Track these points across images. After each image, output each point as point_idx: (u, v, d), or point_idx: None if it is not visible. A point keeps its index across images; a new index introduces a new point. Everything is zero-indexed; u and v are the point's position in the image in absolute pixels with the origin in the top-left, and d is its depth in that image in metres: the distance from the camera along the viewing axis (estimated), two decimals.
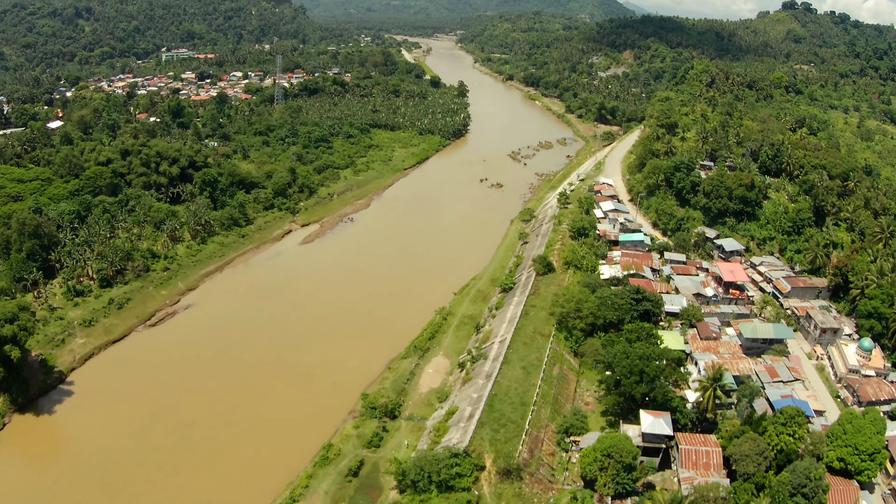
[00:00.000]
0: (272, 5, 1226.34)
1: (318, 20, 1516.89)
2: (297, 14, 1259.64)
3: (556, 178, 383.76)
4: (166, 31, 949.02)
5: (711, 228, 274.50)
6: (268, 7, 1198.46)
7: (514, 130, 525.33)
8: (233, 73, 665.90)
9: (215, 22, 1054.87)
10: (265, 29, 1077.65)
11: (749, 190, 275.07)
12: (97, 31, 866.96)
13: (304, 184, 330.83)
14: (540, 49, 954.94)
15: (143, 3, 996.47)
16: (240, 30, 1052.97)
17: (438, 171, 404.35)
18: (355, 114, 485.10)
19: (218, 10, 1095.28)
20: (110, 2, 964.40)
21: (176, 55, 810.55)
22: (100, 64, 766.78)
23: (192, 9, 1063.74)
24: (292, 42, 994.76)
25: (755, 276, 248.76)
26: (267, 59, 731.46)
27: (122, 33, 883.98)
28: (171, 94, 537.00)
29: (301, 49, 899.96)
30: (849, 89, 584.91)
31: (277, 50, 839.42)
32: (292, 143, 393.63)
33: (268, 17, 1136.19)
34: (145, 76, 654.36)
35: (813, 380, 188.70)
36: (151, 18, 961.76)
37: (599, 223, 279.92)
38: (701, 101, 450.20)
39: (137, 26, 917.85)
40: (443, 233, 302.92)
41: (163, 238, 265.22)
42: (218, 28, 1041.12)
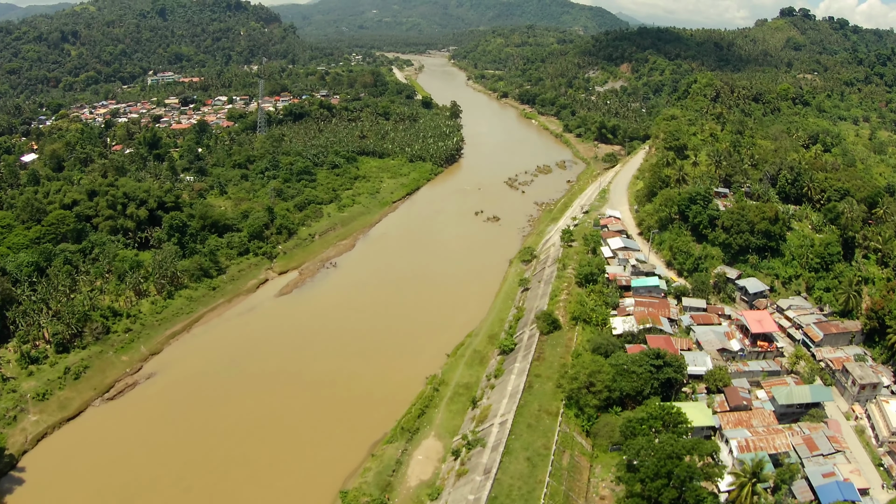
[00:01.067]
0: (261, 25, 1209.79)
1: (309, 39, 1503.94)
2: (287, 33, 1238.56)
3: (557, 208, 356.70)
4: (153, 54, 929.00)
5: (732, 267, 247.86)
6: (257, 27, 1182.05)
7: (511, 153, 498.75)
8: (217, 98, 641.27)
9: (203, 43, 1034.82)
10: (254, 49, 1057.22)
11: (773, 223, 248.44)
12: (83, 55, 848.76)
13: (283, 224, 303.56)
14: (534, 64, 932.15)
15: (129, 25, 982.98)
16: (228, 51, 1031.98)
17: (430, 204, 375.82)
18: (342, 140, 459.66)
19: (206, 31, 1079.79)
20: (97, 25, 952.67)
21: (161, 79, 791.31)
22: (84, 90, 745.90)
23: (179, 30, 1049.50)
24: (281, 62, 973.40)
25: (783, 322, 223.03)
26: (253, 81, 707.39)
27: (109, 56, 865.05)
28: (151, 123, 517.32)
29: (289, 70, 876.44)
30: (855, 98, 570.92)
31: (265, 72, 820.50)
32: (273, 176, 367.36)
33: (256, 37, 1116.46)
34: (128, 102, 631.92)
35: (853, 446, 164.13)
36: (138, 41, 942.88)
37: (608, 264, 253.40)
38: (708, 118, 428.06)
39: (124, 49, 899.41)
40: (434, 278, 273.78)
41: (126, 293, 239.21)
42: (206, 49, 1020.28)
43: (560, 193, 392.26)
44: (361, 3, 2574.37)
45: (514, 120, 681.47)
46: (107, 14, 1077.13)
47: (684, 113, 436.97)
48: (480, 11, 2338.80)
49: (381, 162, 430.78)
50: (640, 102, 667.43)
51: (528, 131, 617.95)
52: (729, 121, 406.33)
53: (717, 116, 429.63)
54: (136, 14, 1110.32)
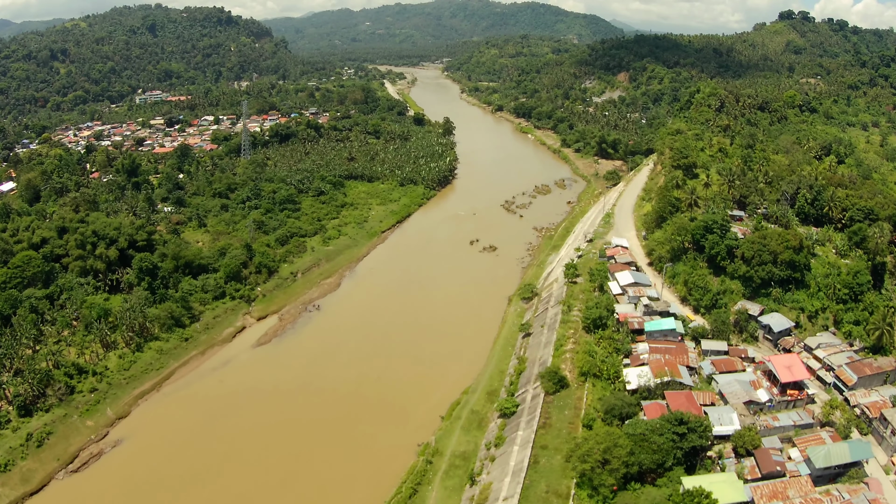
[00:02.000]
0: (252, 40, 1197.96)
1: (302, 52, 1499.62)
2: (278, 48, 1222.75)
3: (558, 234, 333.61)
4: (143, 71, 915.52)
5: (753, 302, 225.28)
6: (247, 42, 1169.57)
7: (507, 172, 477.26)
8: (204, 118, 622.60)
9: (193, 60, 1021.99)
10: (244, 65, 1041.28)
11: (797, 252, 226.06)
12: (72, 74, 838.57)
13: (262, 263, 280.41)
14: (529, 75, 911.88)
15: (119, 42, 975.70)
16: (218, 67, 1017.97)
17: (421, 233, 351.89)
18: (329, 163, 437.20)
19: (196, 47, 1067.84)
20: (86, 42, 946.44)
21: (149, 98, 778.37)
22: (72, 109, 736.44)
23: (169, 47, 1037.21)
24: (271, 79, 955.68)
25: (811, 362, 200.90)
26: (241, 99, 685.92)
27: (98, 75, 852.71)
28: (135, 146, 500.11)
29: (279, 86, 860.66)
30: (862, 102, 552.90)
31: (254, 88, 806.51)
32: (254, 206, 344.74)
33: (247, 52, 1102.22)
34: (114, 123, 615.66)
35: None
36: (128, 58, 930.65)
37: (617, 301, 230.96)
38: (714, 130, 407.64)
39: (113, 67, 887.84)
40: (426, 321, 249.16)
41: (93, 346, 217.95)
42: (196, 66, 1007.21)
43: (560, 216, 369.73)
44: (354, 16, 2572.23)
45: (509, 135, 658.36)
46: (97, 30, 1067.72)
47: (689, 126, 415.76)
48: (474, 22, 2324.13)
49: (370, 186, 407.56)
50: (640, 113, 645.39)
51: (524, 147, 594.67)
52: (738, 133, 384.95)
53: (724, 129, 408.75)
54: (127, 30, 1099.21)
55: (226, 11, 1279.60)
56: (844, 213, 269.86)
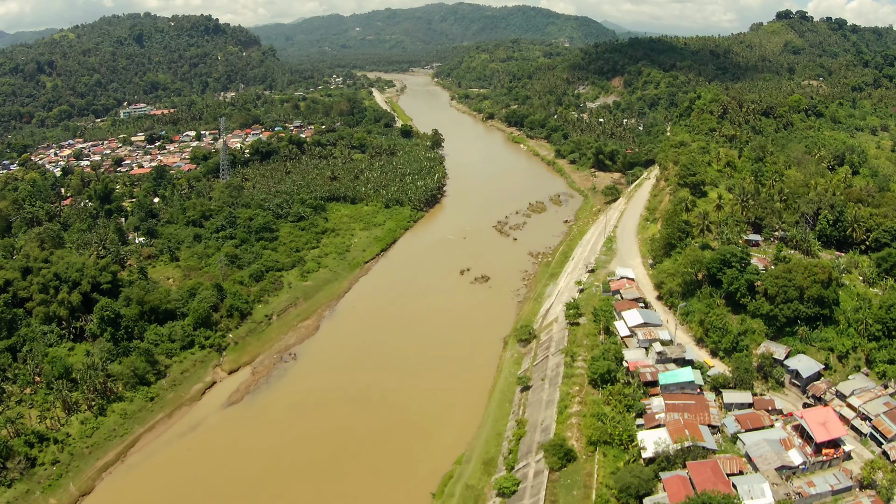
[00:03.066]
0: (239, 49, 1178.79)
1: (291, 60, 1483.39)
2: (266, 57, 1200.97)
3: (556, 260, 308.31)
4: (129, 83, 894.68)
5: (777, 342, 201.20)
6: (234, 52, 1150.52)
7: (499, 187, 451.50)
8: (186, 133, 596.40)
9: (180, 70, 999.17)
10: (231, 75, 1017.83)
11: (826, 287, 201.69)
12: (58, 88, 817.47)
13: (234, 305, 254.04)
14: (521, 81, 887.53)
15: (105, 54, 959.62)
16: (205, 77, 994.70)
17: (408, 262, 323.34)
18: (310, 183, 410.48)
19: (183, 57, 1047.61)
20: (73, 54, 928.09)
21: (133, 111, 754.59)
22: (56, 125, 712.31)
23: (156, 57, 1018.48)
24: (257, 89, 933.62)
25: (844, 411, 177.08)
26: (225, 112, 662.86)
27: (84, 88, 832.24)
28: (112, 167, 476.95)
29: (265, 97, 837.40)
30: (868, 104, 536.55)
31: (239, 100, 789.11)
32: (229, 235, 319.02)
33: (234, 62, 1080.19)
34: (96, 140, 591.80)
35: None
36: (114, 70, 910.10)
37: (625, 345, 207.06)
38: (720, 140, 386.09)
39: (99, 79, 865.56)
40: (413, 374, 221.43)
41: (55, 409, 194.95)
42: (183, 77, 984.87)
43: (557, 238, 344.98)
44: (344, 22, 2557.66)
45: (501, 145, 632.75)
46: (85, 42, 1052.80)
47: (693, 137, 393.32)
48: (464, 26, 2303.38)
49: (353, 209, 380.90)
50: (636, 118, 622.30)
51: (517, 159, 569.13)
52: (746, 145, 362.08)
53: (730, 139, 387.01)
54: (114, 41, 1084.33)
55: (213, 20, 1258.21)
56: (868, 234, 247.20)
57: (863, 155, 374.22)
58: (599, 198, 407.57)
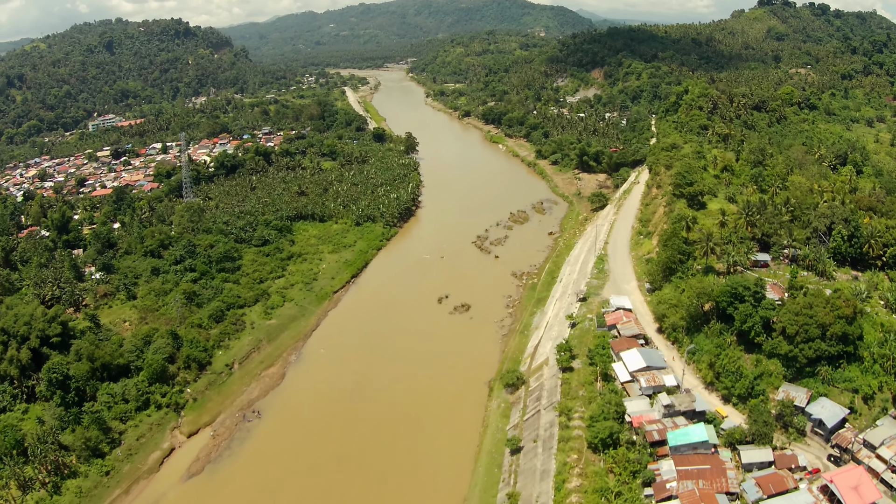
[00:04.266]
0: (210, 52, 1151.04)
1: (265, 59, 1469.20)
2: (237, 59, 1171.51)
3: (542, 282, 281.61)
4: (99, 93, 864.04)
5: (796, 384, 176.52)
6: (205, 55, 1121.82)
7: (477, 195, 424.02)
8: (152, 146, 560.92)
9: (151, 76, 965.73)
10: (202, 79, 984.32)
11: (850, 322, 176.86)
12: (28, 101, 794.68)
13: (192, 355, 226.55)
14: (497, 75, 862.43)
15: (75, 64, 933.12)
16: (176, 83, 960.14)
17: (380, 290, 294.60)
18: (276, 200, 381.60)
19: (154, 62, 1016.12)
20: (42, 65, 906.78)
21: (102, 123, 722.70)
22: (24, 142, 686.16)
23: (127, 64, 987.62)
24: (228, 92, 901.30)
25: (874, 463, 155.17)
26: (193, 121, 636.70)
27: (54, 100, 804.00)
28: (75, 188, 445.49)
29: (235, 101, 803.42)
30: (860, 94, 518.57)
31: (209, 106, 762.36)
32: (188, 267, 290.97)
33: (205, 65, 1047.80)
34: (63, 156, 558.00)
35: None
36: (84, 80, 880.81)
37: (627, 394, 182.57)
38: (713, 139, 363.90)
39: (69, 90, 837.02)
40: (389, 429, 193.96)
41: (8, 489, 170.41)
42: (154, 83, 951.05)
43: (542, 253, 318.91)
44: (318, 18, 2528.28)
45: (478, 146, 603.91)
46: (56, 52, 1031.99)
47: (684, 137, 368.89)
48: (439, 18, 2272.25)
49: (321, 228, 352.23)
50: (619, 112, 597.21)
51: (496, 160, 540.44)
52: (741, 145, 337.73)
53: (724, 138, 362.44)
54: (84, 50, 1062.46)
55: (184, 23, 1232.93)
56: (886, 250, 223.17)
57: (864, 152, 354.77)
58: (585, 204, 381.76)
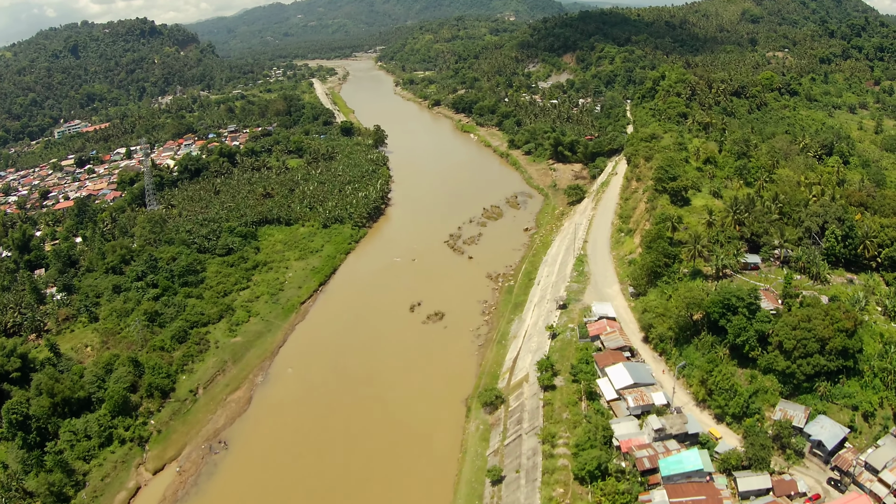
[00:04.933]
0: (176, 49, 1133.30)
1: (233, 53, 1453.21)
2: (204, 55, 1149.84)
3: (518, 285, 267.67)
4: (65, 98, 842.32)
5: (794, 401, 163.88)
6: (171, 52, 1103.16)
7: (449, 189, 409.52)
8: (117, 151, 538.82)
9: (117, 78, 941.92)
10: (169, 78, 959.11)
11: (850, 336, 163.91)
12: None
13: (154, 383, 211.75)
14: (468, 61, 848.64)
15: (41, 70, 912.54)
16: (142, 83, 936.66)
17: (350, 298, 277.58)
18: (241, 204, 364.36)
19: (119, 63, 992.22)
20: (7, 74, 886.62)
21: (68, 130, 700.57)
22: None
23: (92, 67, 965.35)
24: (195, 90, 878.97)
25: (876, 487, 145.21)
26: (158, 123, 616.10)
27: (19, 109, 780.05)
28: (39, 201, 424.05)
29: (202, 99, 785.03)
30: (840, 78, 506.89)
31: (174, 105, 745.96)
32: (150, 283, 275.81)
33: (171, 63, 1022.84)
34: (28, 167, 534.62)
35: None
36: (49, 87, 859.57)
37: (613, 413, 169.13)
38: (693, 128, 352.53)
39: (35, 98, 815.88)
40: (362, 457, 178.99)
41: None
42: (120, 84, 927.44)
43: (518, 252, 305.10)
44: (286, 10, 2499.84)
45: (449, 136, 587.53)
46: (21, 59, 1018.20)
47: (664, 126, 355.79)
48: (407, 5, 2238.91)
49: (287, 232, 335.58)
50: (592, 98, 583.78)
51: (467, 151, 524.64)
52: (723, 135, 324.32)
53: (704, 127, 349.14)
54: (50, 55, 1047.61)
55: (149, 22, 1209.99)
56: (880, 250, 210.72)
57: (850, 142, 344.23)
58: (561, 198, 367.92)
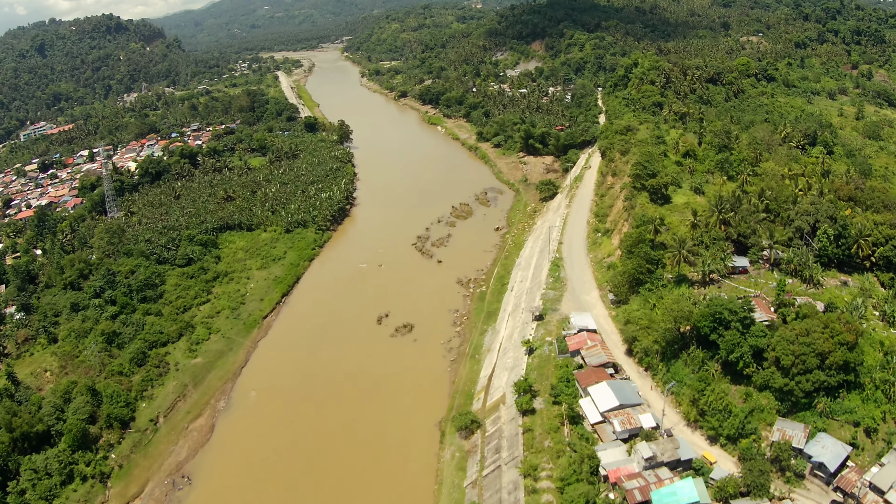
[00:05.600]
0: (141, 45, 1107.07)
1: (200, 47, 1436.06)
2: (170, 50, 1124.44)
3: (491, 291, 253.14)
4: (32, 99, 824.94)
5: (792, 419, 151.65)
6: (137, 48, 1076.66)
7: (416, 185, 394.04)
8: (80, 154, 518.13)
9: (83, 76, 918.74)
10: (134, 74, 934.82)
11: (852, 349, 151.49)
12: None
13: (113, 413, 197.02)
14: (434, 51, 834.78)
15: (7, 71, 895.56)
16: (108, 80, 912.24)
17: (314, 310, 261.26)
18: (202, 209, 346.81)
19: (85, 61, 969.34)
20: None
21: (34, 132, 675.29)
22: None
23: (59, 66, 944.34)
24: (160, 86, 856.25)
25: None
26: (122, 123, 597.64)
27: None
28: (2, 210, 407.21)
29: (166, 96, 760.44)
30: (817, 63, 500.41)
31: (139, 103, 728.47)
32: (109, 299, 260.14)
33: (137, 59, 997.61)
34: None
35: None
36: (16, 87, 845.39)
37: (599, 438, 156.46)
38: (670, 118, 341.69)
39: (1, 100, 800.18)
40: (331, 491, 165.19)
41: None
42: (86, 83, 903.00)
43: (490, 254, 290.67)
44: (253, 1, 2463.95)
45: (416, 129, 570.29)
46: None
47: (639, 117, 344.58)
48: None
49: (249, 238, 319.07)
50: (562, 86, 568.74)
51: (434, 145, 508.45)
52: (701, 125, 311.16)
53: (681, 117, 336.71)
54: (17, 55, 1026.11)
55: (115, 17, 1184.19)
56: (874, 249, 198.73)
57: (833, 130, 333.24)
58: (533, 193, 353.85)
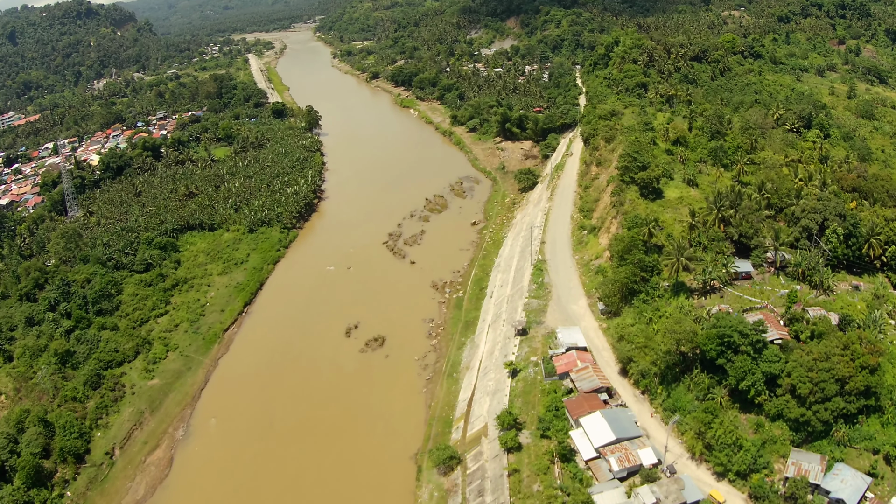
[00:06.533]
0: (112, 30, 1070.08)
1: (173, 30, 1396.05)
2: (140, 34, 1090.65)
3: (469, 296, 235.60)
4: (2, 88, 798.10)
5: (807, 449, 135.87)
6: (107, 34, 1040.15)
7: (388, 176, 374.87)
8: (45, 146, 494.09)
9: (53, 63, 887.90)
10: (105, 60, 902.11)
11: (873, 373, 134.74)
12: None
13: (67, 446, 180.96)
14: (407, 30, 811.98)
15: None
16: (78, 67, 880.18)
17: (279, 320, 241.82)
18: (161, 208, 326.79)
19: (55, 48, 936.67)
20: None
21: (2, 124, 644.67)
22: None
23: (30, 53, 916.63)
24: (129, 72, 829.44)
25: None
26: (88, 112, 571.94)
27: None
28: None
29: (135, 82, 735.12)
30: (802, 38, 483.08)
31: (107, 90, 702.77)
32: (64, 312, 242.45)
33: (107, 45, 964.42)
34: None
35: None
36: None
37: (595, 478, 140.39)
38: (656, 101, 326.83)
39: None
40: None
41: None
42: (56, 70, 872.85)
43: (467, 253, 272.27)
44: None
45: (388, 112, 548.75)
46: None
47: (623, 101, 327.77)
48: None
49: (210, 239, 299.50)
50: (539, 64, 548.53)
51: (407, 130, 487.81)
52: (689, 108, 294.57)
53: (668, 100, 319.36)
54: None
55: (85, 3, 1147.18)
56: (886, 248, 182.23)
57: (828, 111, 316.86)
58: (511, 183, 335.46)
